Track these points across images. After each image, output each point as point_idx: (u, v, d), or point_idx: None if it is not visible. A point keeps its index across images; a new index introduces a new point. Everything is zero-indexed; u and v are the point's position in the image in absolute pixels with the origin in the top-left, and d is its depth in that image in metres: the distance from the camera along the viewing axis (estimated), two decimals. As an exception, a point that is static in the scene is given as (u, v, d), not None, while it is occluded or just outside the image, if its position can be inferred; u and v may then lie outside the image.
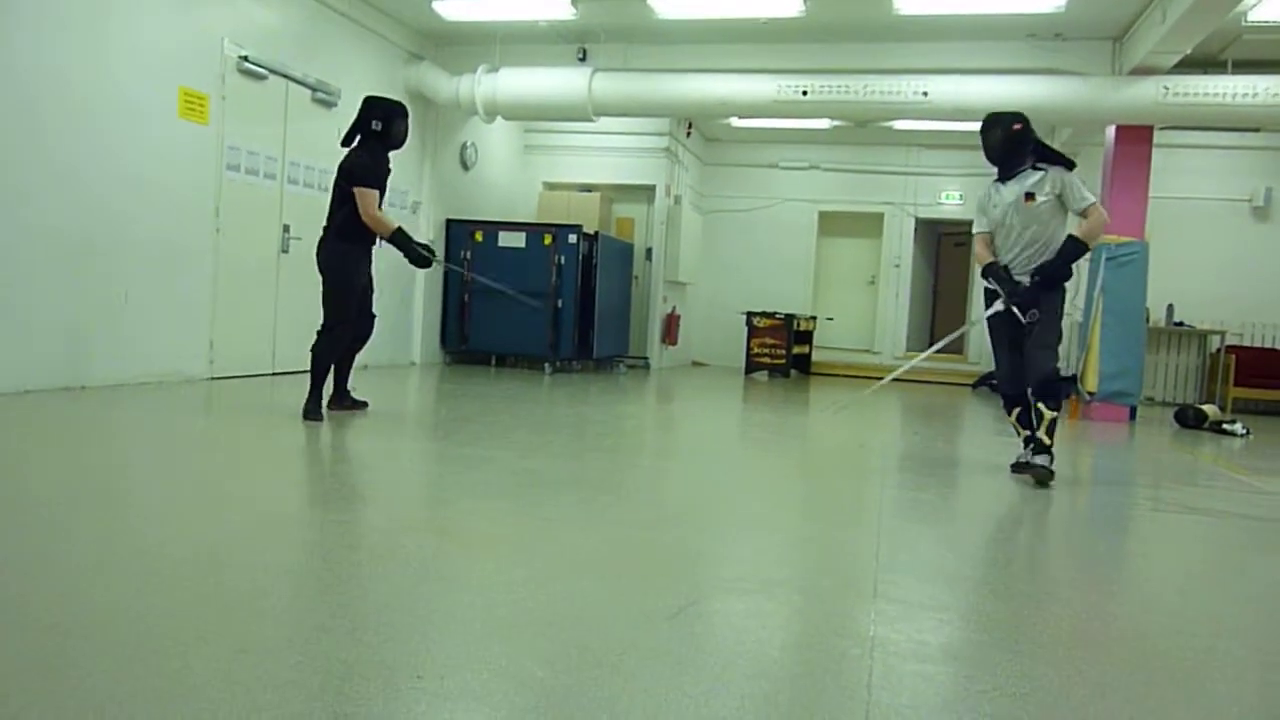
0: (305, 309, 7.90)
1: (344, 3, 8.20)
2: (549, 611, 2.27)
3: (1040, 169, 4.61)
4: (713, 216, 13.12)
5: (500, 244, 9.98)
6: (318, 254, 5.46)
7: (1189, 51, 7.50)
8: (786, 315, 11.62)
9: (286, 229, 7.65)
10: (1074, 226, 4.60)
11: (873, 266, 13.20)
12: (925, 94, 8.14)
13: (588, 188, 11.95)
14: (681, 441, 6.10)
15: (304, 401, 5.24)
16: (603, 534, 3.16)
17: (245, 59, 7.08)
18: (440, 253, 10.04)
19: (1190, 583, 3.06)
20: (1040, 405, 4.53)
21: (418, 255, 5.55)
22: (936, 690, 1.95)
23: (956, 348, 13.31)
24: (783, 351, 11.48)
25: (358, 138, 5.38)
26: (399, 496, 3.69)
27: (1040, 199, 4.52)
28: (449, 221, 10.09)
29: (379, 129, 5.31)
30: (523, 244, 9.92)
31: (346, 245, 5.34)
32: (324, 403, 5.30)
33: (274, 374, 7.56)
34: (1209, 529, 3.94)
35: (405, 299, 9.63)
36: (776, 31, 8.41)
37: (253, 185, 7.28)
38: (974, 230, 4.92)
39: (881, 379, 6.03)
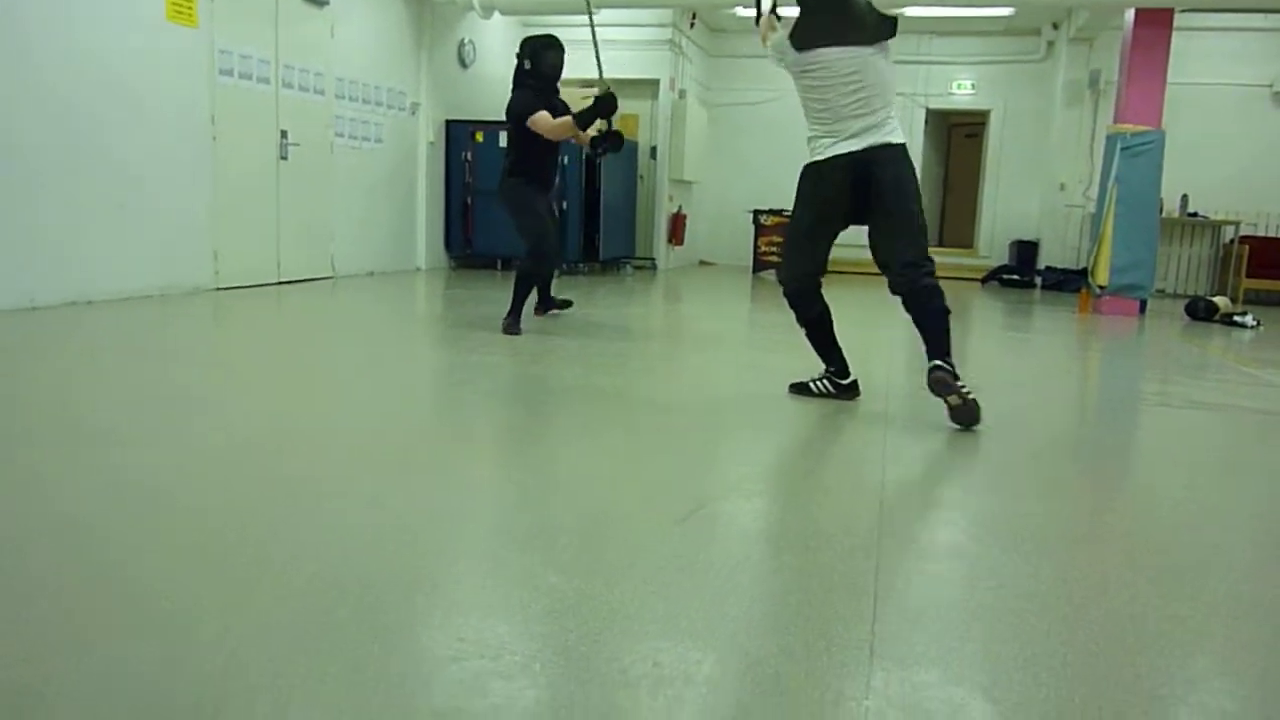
0: (308, 216, 7.87)
1: (331, -107, 7.87)
2: (562, 519, 2.30)
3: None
4: (719, 111, 12.83)
5: (501, 144, 9.76)
6: (499, 193, 5.68)
7: (1214, -73, 7.18)
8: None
9: (284, 134, 7.51)
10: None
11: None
12: (937, -21, 7.83)
13: (588, 83, 11.62)
14: (687, 344, 6.10)
15: (504, 316, 5.42)
16: (612, 439, 3.18)
17: (232, -44, 6.83)
18: (440, 156, 9.89)
19: (1196, 478, 3.09)
20: (925, 315, 3.57)
21: (607, 108, 5.20)
22: (940, 589, 1.98)
23: (966, 241, 13.20)
24: (790, 250, 11.35)
25: (515, 83, 5.57)
26: (404, 404, 3.71)
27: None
28: (448, 122, 9.90)
29: (528, 67, 5.51)
30: (525, 145, 9.72)
31: (517, 179, 5.51)
32: (521, 319, 5.42)
33: (280, 283, 7.53)
34: (1215, 423, 3.95)
35: (407, 204, 9.52)
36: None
37: (247, 90, 7.12)
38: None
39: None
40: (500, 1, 8.89)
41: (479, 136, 9.81)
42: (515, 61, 5.66)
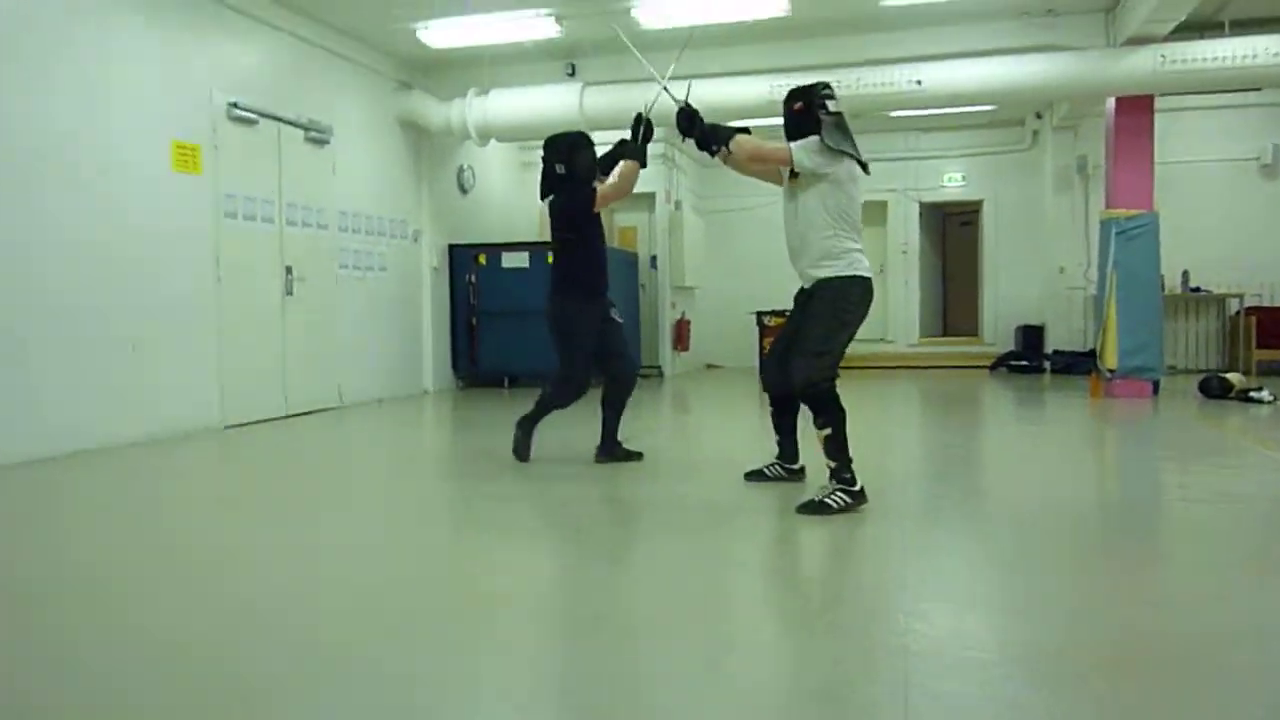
0: (314, 348, 7.94)
1: (329, 39, 8.19)
2: (584, 670, 2.22)
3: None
4: (715, 217, 13.04)
5: (504, 265, 9.95)
6: (546, 311, 5.22)
7: (1184, 18, 7.38)
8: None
9: (289, 270, 7.64)
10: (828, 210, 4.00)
11: (880, 254, 13.07)
12: (919, 82, 8.05)
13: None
14: (702, 460, 6.03)
15: (518, 421, 5.24)
16: (629, 576, 3.11)
17: (235, 106, 7.06)
18: (445, 280, 10.02)
19: (1226, 585, 2.98)
20: (815, 421, 3.93)
21: (646, 127, 5.01)
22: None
23: (970, 328, 13.21)
24: (796, 349, 11.37)
25: (551, 189, 5.09)
26: (423, 546, 3.65)
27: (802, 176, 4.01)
28: (451, 247, 10.07)
29: (562, 170, 5.01)
30: (526, 264, 9.88)
31: (564, 299, 5.04)
32: (531, 444, 5.21)
33: (287, 416, 7.55)
34: (1241, 518, 3.85)
35: (413, 329, 9.62)
36: (765, 32, 8.33)
37: (252, 230, 7.28)
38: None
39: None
40: (496, 129, 9.13)
41: (482, 259, 9.97)
42: (543, 166, 5.12)
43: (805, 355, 3.93)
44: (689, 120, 4.37)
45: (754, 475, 4.52)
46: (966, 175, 12.58)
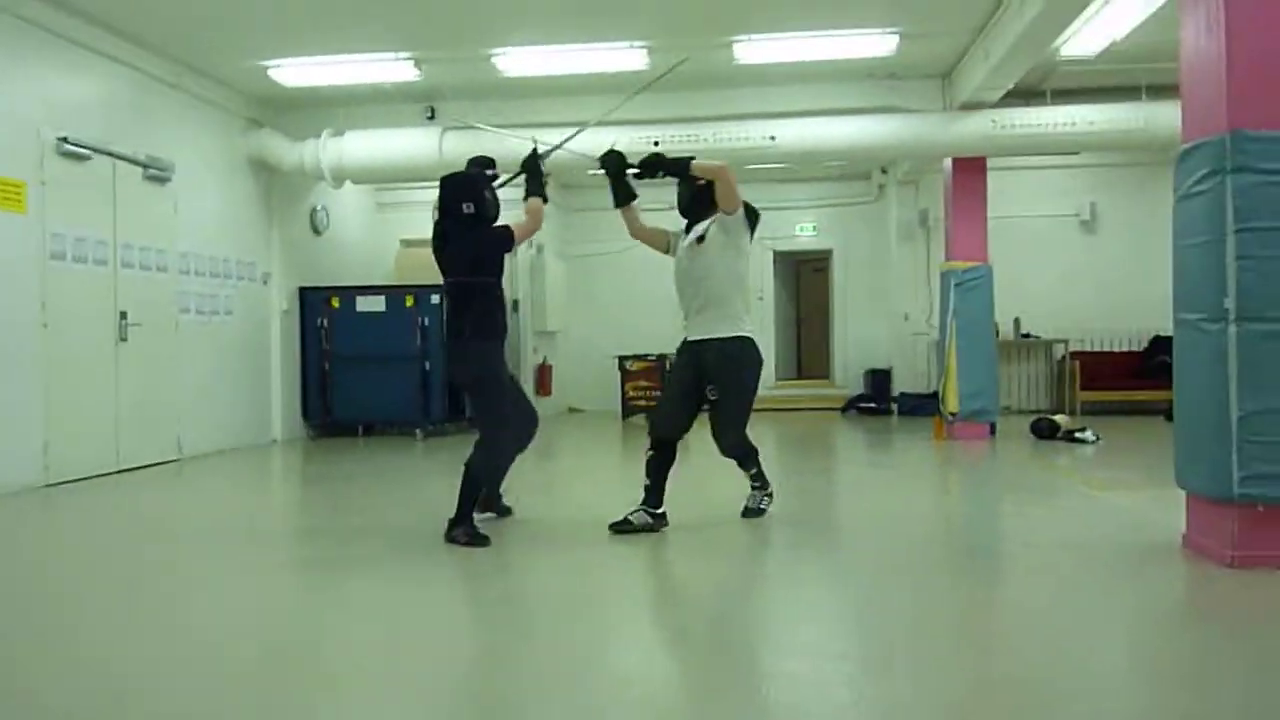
0: (150, 398, 7.47)
1: (172, 73, 7.82)
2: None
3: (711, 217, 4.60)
4: (577, 262, 13.09)
5: (359, 309, 9.67)
6: (453, 364, 4.72)
7: (1012, 86, 7.94)
8: (658, 355, 11.65)
9: (124, 315, 7.19)
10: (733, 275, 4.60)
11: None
12: (773, 138, 8.36)
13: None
14: (565, 513, 5.98)
15: (449, 521, 4.37)
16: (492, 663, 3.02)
17: (65, 140, 6.63)
18: (295, 323, 9.65)
19: (1064, 631, 3.14)
20: (740, 467, 4.82)
21: (532, 162, 4.90)
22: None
23: (823, 371, 13.70)
24: (658, 392, 11.49)
25: (451, 230, 4.59)
26: (256, 626, 3.44)
27: (707, 240, 4.57)
28: (302, 290, 9.72)
29: (471, 211, 4.53)
30: (383, 307, 9.63)
31: (482, 343, 4.52)
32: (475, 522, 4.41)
33: (120, 471, 7.05)
34: (1071, 564, 4.08)
35: (261, 375, 9.20)
36: (624, 84, 8.45)
37: (82, 272, 6.82)
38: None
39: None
40: (351, 171, 8.90)
41: (335, 302, 9.66)
42: (441, 206, 4.64)
43: (733, 426, 4.62)
44: (654, 163, 4.66)
45: (621, 525, 4.49)
46: (818, 225, 13.10)
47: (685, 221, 4.80)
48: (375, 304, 9.67)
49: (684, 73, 8.21)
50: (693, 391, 4.59)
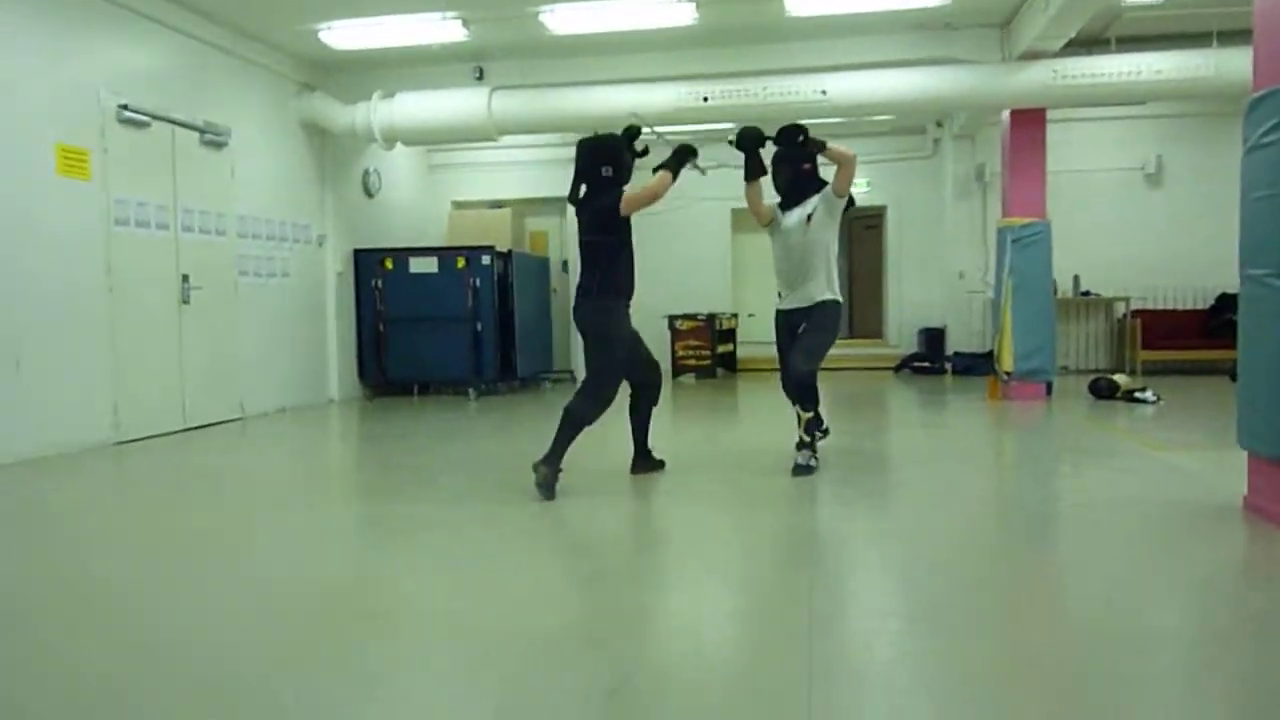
0: (213, 359, 7.68)
1: (226, 39, 7.92)
2: (494, 698, 2.19)
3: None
4: (627, 221, 13.04)
5: (412, 270, 9.78)
6: (577, 316, 4.81)
7: (1074, 34, 7.68)
8: (709, 315, 11.63)
9: (185, 279, 7.37)
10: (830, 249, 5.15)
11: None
12: (824, 92, 8.21)
13: (498, 203, 11.81)
14: (613, 470, 6.04)
15: (540, 461, 4.57)
16: (541, 602, 3.08)
17: (125, 108, 6.77)
18: (350, 285, 9.80)
19: (1115, 592, 3.11)
20: (797, 407, 5.05)
21: (687, 153, 4.79)
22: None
23: (876, 331, 13.54)
24: (708, 352, 11.50)
25: (584, 188, 4.75)
26: (323, 578, 3.55)
27: (814, 220, 5.08)
28: (356, 252, 9.86)
29: (609, 174, 4.69)
30: (435, 269, 9.74)
31: (603, 302, 4.70)
32: (560, 467, 4.60)
33: (186, 429, 7.28)
34: (1130, 522, 4.03)
35: (318, 336, 9.38)
36: (673, 39, 8.38)
37: (145, 237, 6.99)
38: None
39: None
40: (402, 133, 8.95)
41: (388, 264, 9.78)
42: (579, 168, 4.76)
43: (810, 357, 5.00)
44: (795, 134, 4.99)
45: (800, 470, 4.95)
46: (871, 181, 12.84)
47: (779, 200, 5.27)
48: (428, 265, 9.77)
49: (734, 26, 8.16)
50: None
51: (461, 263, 9.69)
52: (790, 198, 5.20)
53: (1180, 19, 8.07)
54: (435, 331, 9.67)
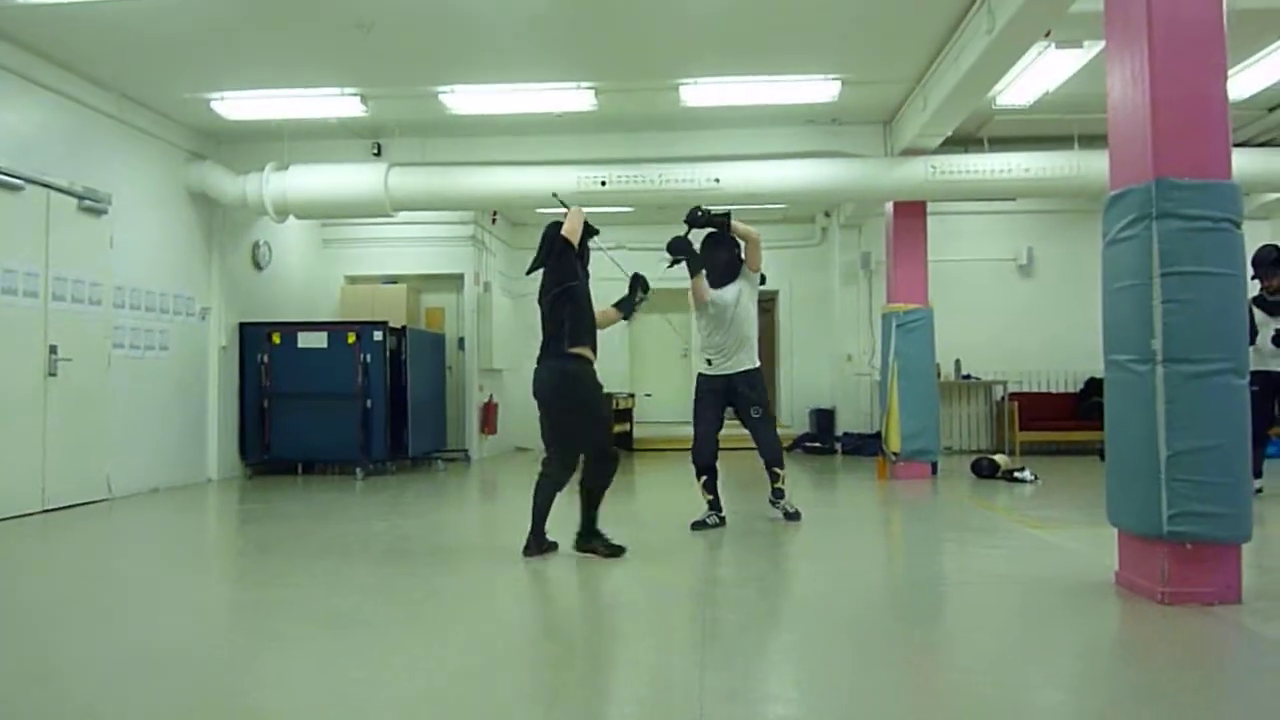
0: (79, 435, 7.25)
1: (112, 104, 7.70)
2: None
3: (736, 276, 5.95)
4: (524, 300, 13.00)
5: (300, 345, 9.52)
6: (540, 384, 4.88)
7: (950, 133, 8.16)
8: (606, 395, 11.62)
9: (53, 350, 6.99)
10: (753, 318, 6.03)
11: (685, 339, 13.48)
12: (717, 180, 8.46)
13: (393, 279, 11.65)
14: (506, 555, 5.90)
15: (528, 535, 4.85)
16: (418, 689, 2.94)
17: (-4, 169, 6.47)
18: (234, 360, 9.46)
19: (1002, 670, 3.16)
20: (776, 469, 6.02)
21: (643, 285, 5.39)
22: None
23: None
24: (603, 432, 11.44)
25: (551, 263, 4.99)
26: (184, 663, 3.32)
27: (742, 295, 5.95)
28: (242, 325, 9.54)
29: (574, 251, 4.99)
30: (325, 344, 9.50)
31: (575, 363, 4.82)
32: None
33: (45, 511, 6.80)
34: (1013, 598, 4.13)
35: (197, 412, 8.98)
36: (572, 124, 8.54)
37: (9, 305, 6.62)
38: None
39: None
40: (295, 206, 8.79)
41: (276, 338, 9.50)
42: (546, 244, 5.02)
43: (775, 435, 6.05)
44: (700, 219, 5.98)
45: (698, 525, 5.77)
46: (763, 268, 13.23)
47: (709, 279, 5.94)
48: (317, 340, 9.53)
49: (631, 115, 8.38)
50: (721, 417, 5.97)
51: (352, 338, 9.49)
52: (723, 277, 5.91)
53: (1046, 123, 8.69)
54: (323, 408, 9.39)
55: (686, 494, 6.13)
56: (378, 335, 9.51)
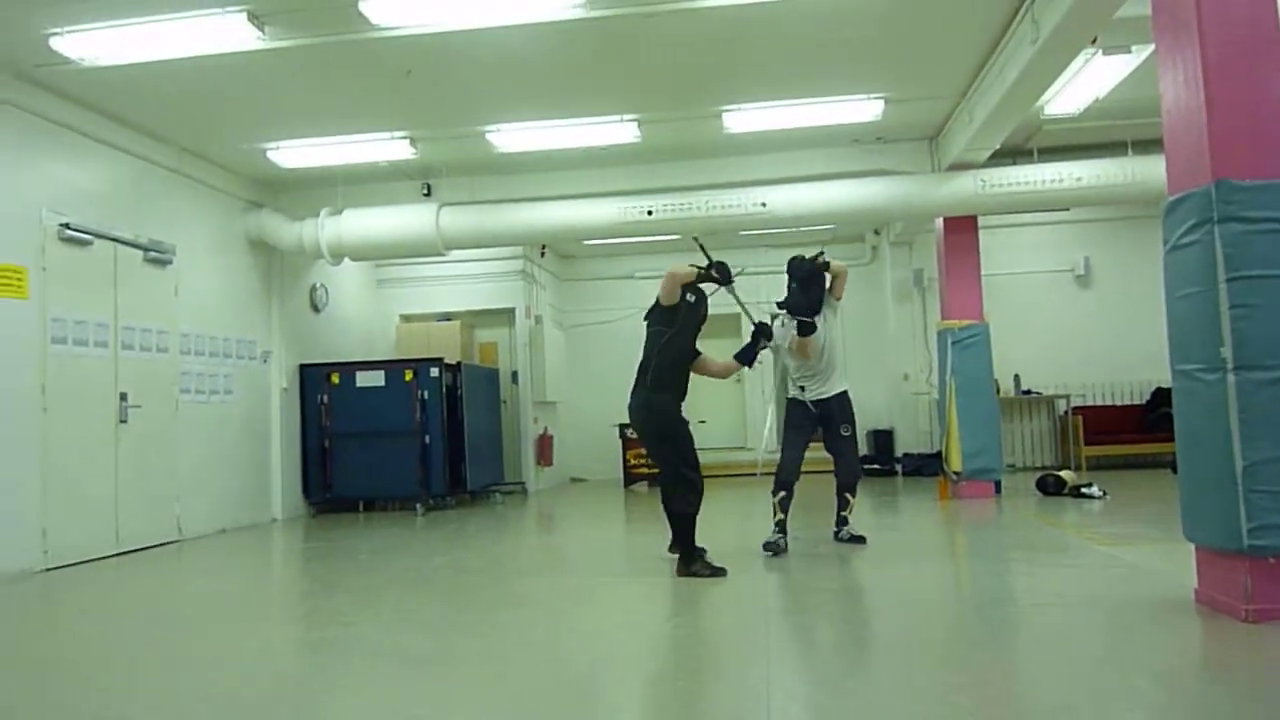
0: (150, 479, 7.44)
1: (173, 158, 7.97)
2: None
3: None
4: (575, 331, 13.15)
5: (359, 384, 9.69)
6: (631, 414, 5.45)
7: (998, 146, 8.06)
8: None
9: (124, 397, 7.20)
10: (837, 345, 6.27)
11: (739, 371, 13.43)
12: (764, 204, 8.46)
13: (446, 316, 11.83)
14: (567, 585, 5.89)
15: (679, 560, 5.21)
16: (483, 722, 2.95)
17: (67, 226, 6.72)
18: (295, 401, 9.66)
19: (1081, 692, 3.07)
20: (849, 495, 6.18)
21: (765, 333, 5.65)
22: None
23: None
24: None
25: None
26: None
27: (827, 323, 6.11)
28: (302, 367, 9.75)
29: (692, 299, 5.39)
30: (382, 382, 9.66)
31: (659, 395, 5.28)
32: (706, 551, 5.24)
33: (119, 554, 6.98)
34: (1086, 621, 4.02)
35: (261, 453, 9.16)
36: (616, 156, 8.62)
37: (82, 356, 6.85)
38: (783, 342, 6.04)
39: (755, 472, 7.10)
40: (349, 248, 8.99)
41: (334, 378, 9.68)
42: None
43: (851, 459, 6.20)
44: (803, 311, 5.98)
45: (770, 546, 5.81)
46: (814, 288, 13.15)
47: (784, 309, 6.12)
48: (375, 379, 9.69)
49: (675, 144, 8.43)
50: (808, 440, 6.11)
51: (409, 375, 9.63)
52: (812, 311, 6.01)
53: (1097, 130, 8.53)
54: (382, 446, 9.53)
55: (746, 519, 6.07)
56: (434, 372, 9.64)
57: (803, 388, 6.09)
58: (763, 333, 5.61)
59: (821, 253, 6.20)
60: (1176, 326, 3.93)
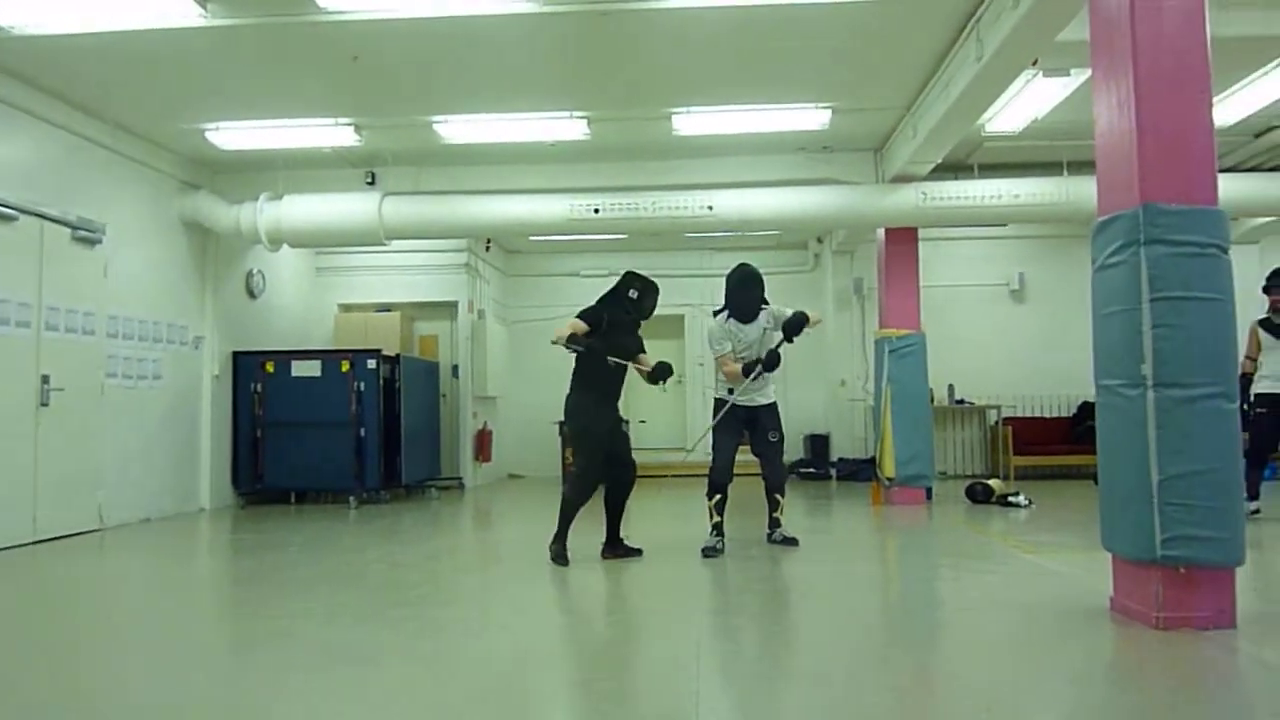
0: (71, 465, 7.22)
1: (106, 135, 7.73)
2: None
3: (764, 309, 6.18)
4: (518, 327, 13.08)
5: (294, 374, 9.52)
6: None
7: (940, 160, 8.23)
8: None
9: (45, 380, 6.97)
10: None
11: (679, 366, 13.51)
12: (710, 208, 8.51)
13: (386, 307, 11.67)
14: (499, 582, 5.86)
15: (550, 542, 5.56)
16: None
17: (-11, 200, 6.49)
18: (227, 389, 9.45)
19: (1001, 694, 3.15)
20: (779, 496, 6.22)
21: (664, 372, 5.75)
22: None
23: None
24: (598, 458, 11.43)
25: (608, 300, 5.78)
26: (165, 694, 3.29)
27: (766, 334, 6.18)
28: (236, 354, 9.54)
29: (633, 296, 5.73)
30: (319, 372, 9.50)
31: (579, 395, 5.67)
32: (567, 547, 5.53)
33: (36, 542, 6.76)
34: (1010, 625, 4.12)
35: (189, 442, 8.95)
36: (565, 153, 8.60)
37: (3, 335, 6.61)
38: (719, 353, 6.15)
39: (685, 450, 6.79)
40: (288, 235, 8.82)
41: (269, 367, 9.50)
42: (615, 285, 5.82)
43: (778, 468, 6.22)
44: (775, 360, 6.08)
45: (710, 552, 5.85)
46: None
47: (729, 316, 6.17)
48: (311, 369, 9.53)
49: (624, 144, 8.44)
50: (738, 443, 6.15)
51: (346, 366, 9.49)
52: (751, 316, 6.12)
53: (1035, 149, 8.76)
54: (316, 437, 9.38)
55: (681, 519, 6.11)
56: (371, 363, 9.51)
57: (731, 390, 6.12)
58: (661, 373, 5.69)
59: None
60: (1102, 343, 4.05)
